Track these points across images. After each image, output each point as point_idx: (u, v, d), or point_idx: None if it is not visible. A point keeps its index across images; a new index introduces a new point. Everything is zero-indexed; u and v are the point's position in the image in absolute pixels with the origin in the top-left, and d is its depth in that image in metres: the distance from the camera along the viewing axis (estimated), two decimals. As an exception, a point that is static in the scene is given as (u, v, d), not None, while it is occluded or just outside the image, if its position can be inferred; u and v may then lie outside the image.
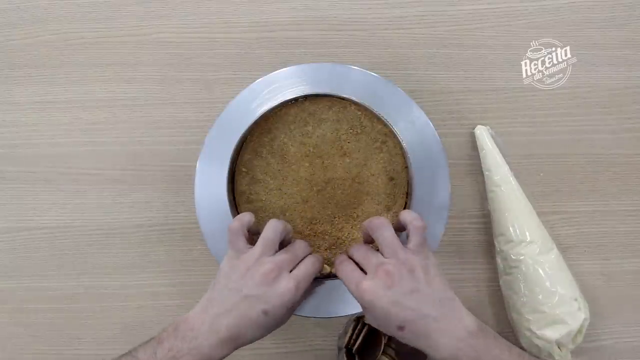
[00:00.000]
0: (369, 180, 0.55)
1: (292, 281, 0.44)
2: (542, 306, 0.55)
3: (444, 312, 0.42)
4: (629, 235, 0.63)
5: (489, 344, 0.42)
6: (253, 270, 0.44)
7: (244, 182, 0.55)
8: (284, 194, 0.55)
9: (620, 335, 0.62)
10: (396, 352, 0.58)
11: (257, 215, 0.54)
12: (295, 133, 0.55)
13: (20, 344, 0.62)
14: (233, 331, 0.44)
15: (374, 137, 0.54)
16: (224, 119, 0.54)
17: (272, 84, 0.54)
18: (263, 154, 0.55)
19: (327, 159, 0.55)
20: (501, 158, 0.60)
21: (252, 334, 0.45)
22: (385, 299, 0.42)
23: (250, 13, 0.63)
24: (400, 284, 0.42)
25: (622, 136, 0.63)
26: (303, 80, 0.54)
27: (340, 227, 0.55)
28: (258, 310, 0.44)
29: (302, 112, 0.55)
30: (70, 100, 0.63)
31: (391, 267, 0.43)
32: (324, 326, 0.62)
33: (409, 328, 0.42)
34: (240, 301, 0.44)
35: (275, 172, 0.55)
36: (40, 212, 0.62)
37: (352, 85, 0.54)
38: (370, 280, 0.43)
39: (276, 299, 0.44)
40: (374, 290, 0.42)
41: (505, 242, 0.58)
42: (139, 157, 0.63)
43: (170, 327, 0.45)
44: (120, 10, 0.63)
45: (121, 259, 0.62)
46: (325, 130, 0.55)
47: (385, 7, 0.63)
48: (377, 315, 0.43)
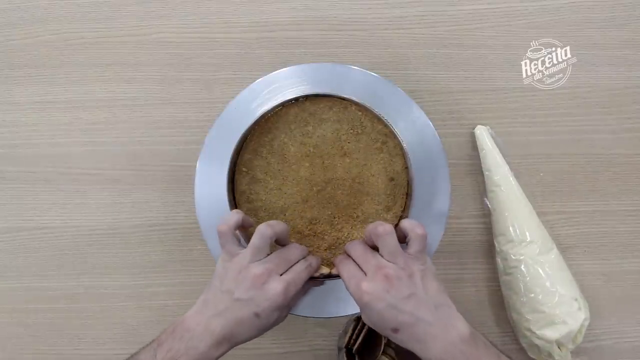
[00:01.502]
0: (369, 181, 0.55)
1: (281, 285, 0.45)
2: (542, 306, 0.55)
3: (439, 317, 0.43)
4: (629, 235, 0.63)
5: (480, 351, 0.43)
6: (244, 274, 0.45)
7: (244, 182, 0.55)
8: (284, 193, 0.55)
9: (620, 335, 0.62)
10: (396, 352, 0.58)
11: (257, 214, 0.55)
12: (295, 133, 0.55)
13: (20, 344, 0.62)
14: (227, 332, 0.45)
15: (374, 137, 0.54)
16: (224, 119, 0.54)
17: (272, 84, 0.54)
18: (263, 154, 0.55)
19: (327, 159, 0.55)
20: (501, 158, 0.60)
21: (245, 334, 0.46)
22: (383, 302, 0.43)
23: (250, 13, 0.63)
24: (398, 288, 0.43)
25: (622, 136, 0.63)
26: (303, 80, 0.54)
27: (340, 227, 0.55)
28: (249, 312, 0.45)
29: (303, 112, 0.55)
30: (70, 100, 0.63)
31: (391, 271, 0.44)
32: (324, 326, 0.62)
33: (403, 331, 0.43)
34: (232, 304, 0.45)
35: (275, 172, 0.55)
36: (40, 212, 0.63)
37: (352, 85, 0.54)
38: (370, 282, 0.44)
39: (266, 302, 0.45)
40: (373, 292, 0.43)
41: (505, 242, 0.58)
42: (139, 157, 0.63)
43: (169, 328, 0.46)
44: (120, 10, 0.63)
45: (121, 259, 0.62)
46: (326, 130, 0.55)
47: (385, 7, 0.63)
48: (373, 316, 0.44)
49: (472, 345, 0.43)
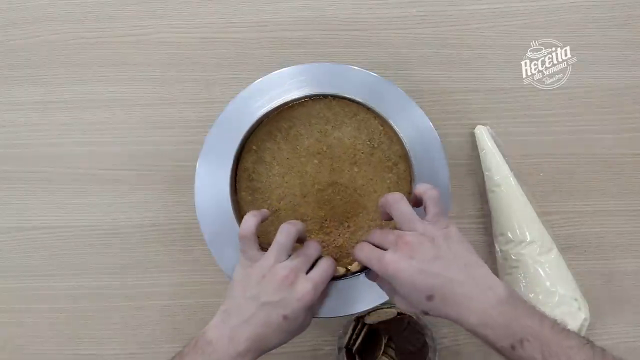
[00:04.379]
0: (370, 196, 0.54)
1: (309, 283, 0.44)
2: (542, 306, 0.55)
3: (471, 276, 0.41)
4: (629, 235, 0.63)
5: (519, 312, 0.41)
6: (269, 277, 0.44)
7: (250, 160, 0.54)
8: (285, 182, 0.54)
9: (620, 335, 0.62)
10: (396, 352, 0.58)
11: (254, 195, 0.54)
12: (314, 128, 0.54)
13: (20, 344, 0.62)
14: (253, 340, 0.44)
15: (388, 156, 0.54)
16: (224, 119, 0.54)
17: (273, 84, 0.54)
18: (277, 139, 0.54)
19: (337, 162, 0.54)
20: (501, 158, 0.60)
21: (275, 340, 0.45)
22: (410, 269, 0.41)
23: (250, 13, 0.63)
24: (421, 252, 0.42)
25: (622, 136, 0.63)
26: (302, 80, 0.54)
27: (328, 231, 0.54)
28: (278, 316, 0.44)
29: (328, 111, 0.54)
30: (70, 100, 0.63)
31: (411, 237, 0.42)
32: (324, 326, 0.62)
33: (438, 295, 0.41)
34: (259, 309, 0.44)
35: (283, 159, 0.54)
36: (40, 212, 0.62)
37: (352, 85, 0.53)
38: (392, 254, 0.42)
39: (295, 303, 0.44)
40: (397, 261, 0.42)
41: (505, 242, 0.58)
42: (139, 157, 0.63)
43: (192, 341, 0.45)
44: (120, 10, 0.63)
45: (121, 259, 0.62)
46: (344, 134, 0.54)
47: (385, 7, 0.63)
48: (404, 287, 0.42)
49: (511, 305, 0.41)
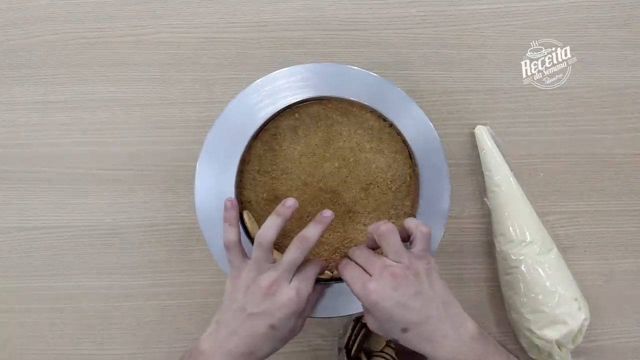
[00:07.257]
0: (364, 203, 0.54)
1: (292, 291, 0.45)
2: (542, 306, 0.55)
3: (448, 315, 0.43)
4: (629, 235, 0.63)
5: (489, 349, 0.43)
6: (252, 288, 0.45)
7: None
8: (291, 175, 0.54)
9: (620, 335, 0.62)
10: (396, 352, 0.58)
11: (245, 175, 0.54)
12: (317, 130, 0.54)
13: (20, 344, 0.62)
14: (244, 350, 0.44)
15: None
16: (224, 119, 0.54)
17: (273, 84, 0.54)
18: (278, 140, 0.54)
19: (337, 163, 0.54)
20: (501, 158, 0.60)
21: (266, 349, 0.45)
22: (391, 301, 0.42)
23: (250, 13, 0.63)
24: (405, 286, 0.43)
25: (622, 136, 0.63)
26: (300, 81, 0.54)
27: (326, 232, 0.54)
28: (265, 326, 0.44)
29: (329, 112, 0.54)
30: (70, 100, 0.63)
31: (397, 269, 0.43)
32: (324, 326, 0.62)
33: (413, 330, 0.43)
34: (245, 321, 0.45)
35: (283, 161, 0.54)
36: (40, 212, 0.62)
37: (352, 85, 0.53)
38: (377, 282, 0.43)
39: (280, 312, 0.44)
40: (380, 291, 0.43)
41: (505, 242, 0.58)
42: (139, 157, 0.63)
43: (187, 353, 0.46)
44: (121, 10, 0.63)
45: (121, 259, 0.62)
46: (347, 137, 0.54)
47: (385, 7, 0.63)
48: (381, 316, 0.43)
49: (482, 343, 0.43)
